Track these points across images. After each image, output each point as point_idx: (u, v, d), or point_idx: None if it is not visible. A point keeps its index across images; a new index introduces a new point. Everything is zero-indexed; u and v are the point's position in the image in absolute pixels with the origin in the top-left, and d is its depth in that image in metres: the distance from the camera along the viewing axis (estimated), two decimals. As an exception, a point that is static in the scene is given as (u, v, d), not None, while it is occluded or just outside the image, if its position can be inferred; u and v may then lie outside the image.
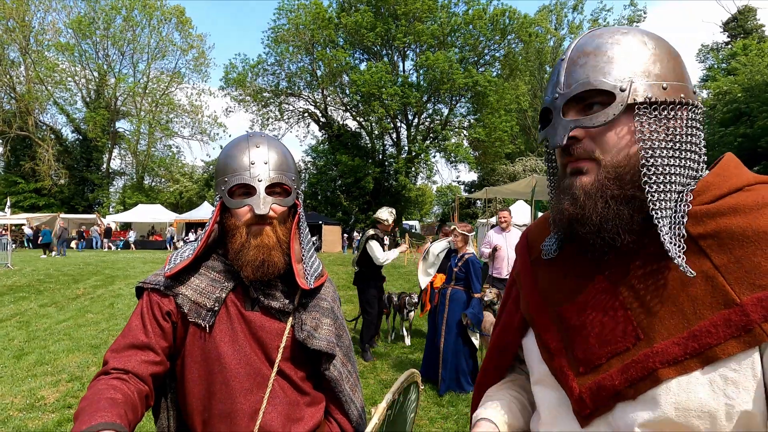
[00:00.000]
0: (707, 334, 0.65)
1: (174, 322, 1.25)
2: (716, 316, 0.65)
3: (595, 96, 0.75)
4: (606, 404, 0.72)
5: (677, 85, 0.75)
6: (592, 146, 0.76)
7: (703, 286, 0.67)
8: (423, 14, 35.17)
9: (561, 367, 0.79)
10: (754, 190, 0.72)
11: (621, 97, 0.73)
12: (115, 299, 10.12)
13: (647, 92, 0.73)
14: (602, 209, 0.74)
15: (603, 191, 0.74)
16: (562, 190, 0.81)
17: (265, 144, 1.28)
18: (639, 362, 0.69)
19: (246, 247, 1.23)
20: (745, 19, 30.25)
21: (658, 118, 0.73)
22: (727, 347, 0.64)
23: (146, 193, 41.47)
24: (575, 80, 0.76)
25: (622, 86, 0.73)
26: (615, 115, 0.73)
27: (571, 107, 0.77)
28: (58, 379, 5.15)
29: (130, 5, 40.15)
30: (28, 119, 36.73)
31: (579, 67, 0.76)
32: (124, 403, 1.03)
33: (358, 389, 1.43)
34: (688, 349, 0.66)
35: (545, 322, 0.85)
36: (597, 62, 0.75)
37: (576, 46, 0.79)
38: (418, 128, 39.05)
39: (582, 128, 0.75)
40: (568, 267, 0.86)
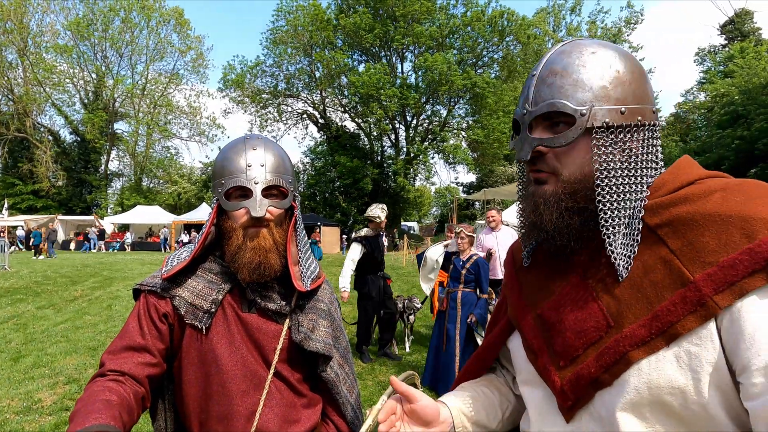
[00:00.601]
0: (668, 312, 0.70)
1: (171, 324, 1.26)
2: (675, 295, 0.70)
3: (559, 116, 0.81)
4: (586, 393, 0.77)
5: (635, 108, 0.80)
6: (554, 162, 0.82)
7: (663, 271, 0.73)
8: (421, 16, 35.24)
9: (544, 364, 0.84)
10: (703, 183, 0.78)
11: (580, 121, 0.79)
12: (113, 301, 10.10)
13: (605, 117, 0.79)
14: (556, 219, 0.81)
15: (558, 203, 0.81)
16: (526, 196, 0.89)
17: (261, 146, 1.28)
18: (611, 348, 0.74)
19: (243, 250, 1.23)
20: (742, 22, 30.35)
21: (614, 141, 0.80)
22: (686, 322, 0.68)
23: (144, 194, 41.42)
24: (542, 99, 0.82)
25: (583, 111, 0.79)
26: (574, 138, 0.79)
27: (538, 123, 0.84)
28: (55, 382, 5.14)
29: (129, 7, 40.16)
30: (26, 121, 36.68)
31: (546, 86, 0.82)
32: (119, 405, 1.03)
33: (356, 391, 1.44)
34: (653, 329, 0.71)
35: (528, 324, 0.90)
36: (563, 83, 0.80)
37: (546, 62, 0.84)
38: (417, 129, 39.10)
39: (545, 147, 0.82)
40: (545, 270, 0.92)
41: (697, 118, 24.52)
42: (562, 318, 0.83)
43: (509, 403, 1.04)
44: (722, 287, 0.67)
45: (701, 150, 19.42)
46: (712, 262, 0.68)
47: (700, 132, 23.04)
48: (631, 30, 39.19)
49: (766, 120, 16.59)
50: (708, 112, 20.65)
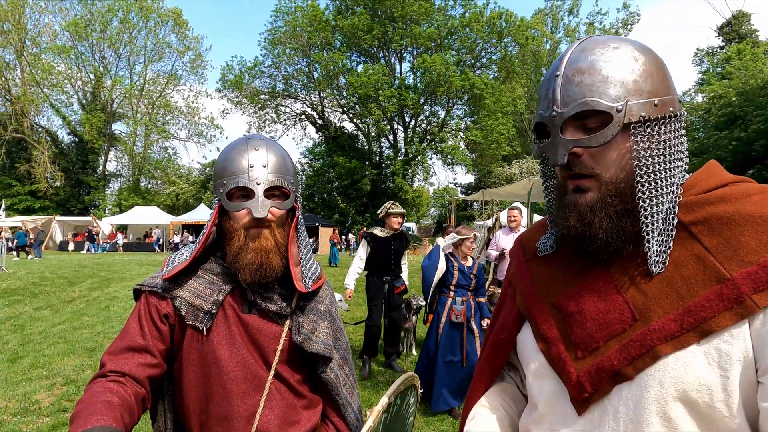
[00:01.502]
0: (702, 308, 0.69)
1: (171, 324, 1.25)
2: (709, 292, 0.69)
3: (593, 115, 0.78)
4: (604, 387, 0.75)
5: (667, 99, 0.79)
6: (591, 163, 0.79)
7: (696, 267, 0.72)
8: (420, 17, 35.28)
9: (558, 354, 0.82)
10: (738, 185, 0.79)
11: (618, 117, 0.76)
12: (111, 302, 10.07)
13: (641, 111, 0.77)
14: (607, 225, 0.78)
15: (606, 208, 0.78)
16: (566, 206, 0.84)
17: (263, 147, 1.28)
18: (637, 341, 0.72)
19: (244, 250, 1.23)
20: (739, 23, 30.45)
21: (651, 135, 0.78)
22: (721, 320, 0.67)
23: (142, 195, 41.36)
24: (572, 99, 0.78)
25: (618, 107, 0.76)
26: (613, 135, 0.76)
27: (568, 124, 0.80)
28: (53, 383, 5.12)
29: (127, 7, 40.10)
30: (24, 121, 36.56)
31: (575, 85, 0.78)
32: (121, 406, 1.03)
33: (355, 392, 1.43)
34: (685, 324, 0.69)
35: (542, 314, 0.88)
36: (593, 81, 0.77)
37: (569, 61, 0.81)
38: (415, 130, 39.12)
39: (582, 147, 0.79)
40: (563, 262, 0.90)
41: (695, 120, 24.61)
42: (582, 308, 0.81)
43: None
44: (762, 287, 0.66)
45: (699, 151, 19.47)
46: (752, 261, 0.68)
47: (698, 133, 23.11)
48: (628, 31, 39.30)
49: (763, 121, 16.66)
50: (706, 113, 20.72)
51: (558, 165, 0.81)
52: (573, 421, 0.79)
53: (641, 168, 0.77)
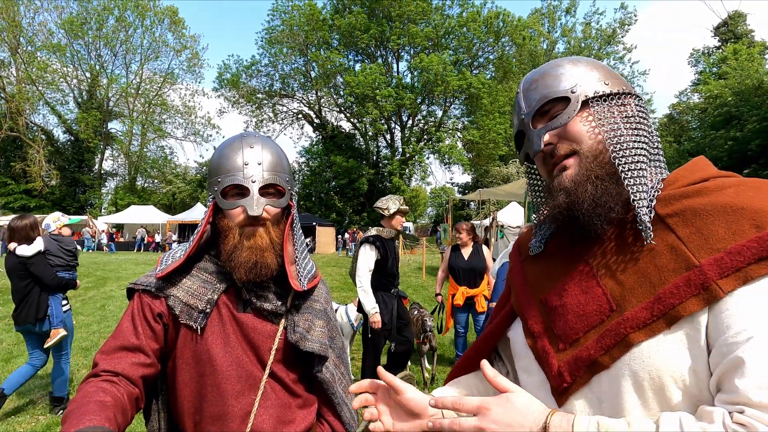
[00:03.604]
0: (671, 295, 0.71)
1: (165, 323, 1.24)
2: (679, 279, 0.71)
3: (554, 105, 0.87)
4: (582, 376, 0.78)
5: (616, 81, 0.88)
6: (568, 143, 0.86)
7: (669, 256, 0.74)
8: (417, 16, 35.27)
9: (543, 347, 0.85)
10: (717, 179, 0.80)
11: (575, 97, 0.86)
12: (107, 301, 10.03)
13: (594, 88, 0.86)
14: (592, 190, 0.83)
15: (588, 174, 0.83)
16: (552, 189, 0.89)
17: (259, 144, 1.27)
18: (612, 330, 0.75)
19: (239, 249, 1.22)
20: (735, 24, 30.57)
21: (610, 106, 0.86)
22: (688, 305, 0.69)
23: (139, 194, 41.21)
24: (533, 99, 0.89)
25: (573, 89, 0.86)
26: (575, 110, 0.85)
27: (537, 121, 0.89)
28: (47, 383, 5.09)
29: (123, 5, 39.92)
30: (19, 120, 36.34)
31: (532, 91, 0.90)
32: (114, 406, 1.02)
33: (351, 391, 1.43)
34: (655, 312, 0.72)
35: (531, 309, 0.92)
36: (546, 82, 0.89)
37: (524, 80, 0.94)
38: (412, 130, 39.12)
39: (552, 130, 0.87)
40: (552, 259, 0.94)
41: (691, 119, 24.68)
42: (564, 302, 0.84)
43: None
44: (727, 272, 0.68)
45: (695, 151, 19.54)
46: (720, 248, 0.70)
47: (694, 133, 23.19)
48: (625, 32, 39.41)
49: (758, 121, 16.73)
50: (702, 113, 20.79)
51: (537, 152, 0.88)
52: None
53: (610, 135, 0.84)
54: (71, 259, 4.69)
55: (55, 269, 4.35)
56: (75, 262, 4.77)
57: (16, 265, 4.16)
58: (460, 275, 5.34)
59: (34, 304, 4.16)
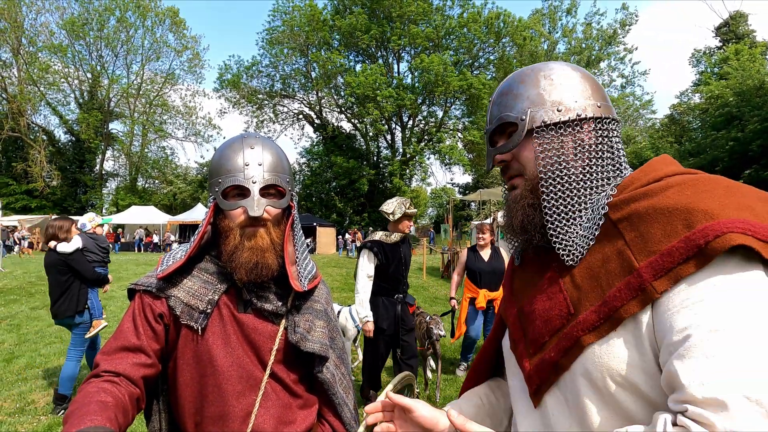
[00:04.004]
0: (614, 298, 0.74)
1: (166, 324, 1.25)
2: (621, 282, 0.75)
3: (508, 126, 0.92)
4: (548, 377, 0.82)
5: (572, 105, 0.88)
6: (518, 165, 0.92)
7: (616, 261, 0.77)
8: (418, 17, 35.28)
9: (520, 353, 0.90)
10: (664, 180, 0.82)
11: (522, 125, 0.89)
12: (108, 301, 10.03)
13: (543, 117, 0.88)
14: (521, 216, 0.90)
15: (522, 201, 0.90)
16: (506, 203, 0.98)
17: (259, 145, 1.27)
18: (568, 333, 0.79)
19: (239, 249, 1.22)
20: (736, 24, 30.53)
21: (555, 136, 0.88)
22: (629, 307, 0.72)
23: (139, 194, 41.26)
24: (494, 117, 0.95)
25: (522, 116, 0.89)
26: (519, 140, 0.89)
27: (497, 137, 0.95)
28: (49, 383, 5.10)
29: (124, 6, 39.99)
30: (20, 120, 36.41)
31: (495, 105, 0.95)
32: (115, 406, 1.02)
33: (352, 392, 1.43)
34: (602, 315, 0.75)
35: (513, 317, 0.97)
36: (506, 101, 0.93)
37: (498, 89, 0.98)
38: (413, 130, 39.12)
39: (500, 154, 0.93)
40: (531, 268, 0.98)
41: (692, 120, 24.65)
42: (534, 308, 0.89)
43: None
44: (660, 273, 0.70)
45: (696, 151, 19.51)
46: (656, 250, 0.72)
47: (695, 133, 23.16)
48: (626, 32, 39.36)
49: (759, 122, 16.70)
50: (703, 113, 20.76)
51: (488, 171, 0.97)
52: (531, 413, 0.87)
53: (544, 167, 0.87)
54: (105, 255, 5.21)
55: (92, 264, 4.76)
56: (108, 259, 5.29)
57: (56, 261, 4.43)
58: (481, 278, 5.17)
59: (75, 298, 4.46)
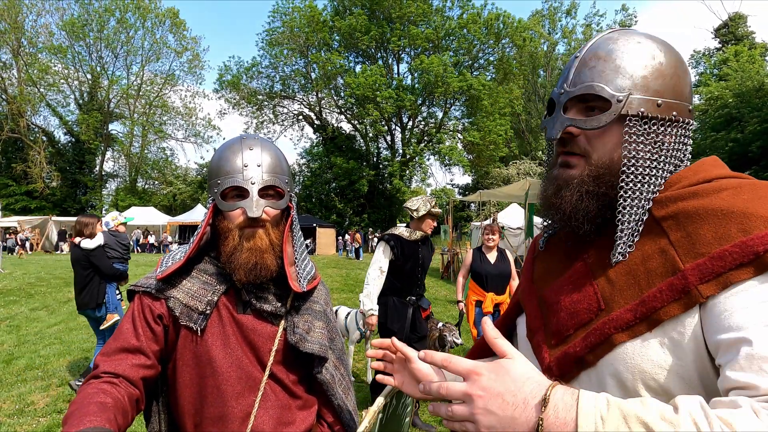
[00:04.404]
0: (653, 298, 0.71)
1: (165, 325, 1.25)
2: (663, 283, 0.72)
3: (595, 99, 0.82)
4: (570, 371, 0.79)
5: (672, 103, 0.81)
6: (585, 144, 0.84)
7: (659, 260, 0.74)
8: (418, 18, 35.32)
9: (538, 342, 0.87)
10: (717, 182, 0.78)
11: (616, 107, 0.80)
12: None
13: (641, 107, 0.80)
14: (575, 201, 0.83)
15: (581, 186, 0.83)
16: (550, 178, 0.90)
17: (258, 146, 1.28)
18: (597, 329, 0.76)
19: (238, 250, 1.22)
20: (736, 25, 30.56)
21: (646, 132, 0.81)
22: (670, 309, 0.70)
23: (139, 195, 41.25)
24: (581, 81, 0.83)
25: (620, 97, 0.80)
26: (607, 122, 0.80)
27: (574, 105, 0.85)
28: (48, 384, 5.10)
29: (124, 7, 40.00)
30: (20, 121, 36.42)
31: (588, 69, 0.83)
32: (114, 407, 1.02)
33: (351, 393, 1.43)
34: (638, 314, 0.72)
35: (532, 305, 0.94)
36: (605, 68, 0.81)
37: (591, 46, 0.85)
38: (413, 131, 39.14)
39: (577, 127, 0.83)
40: (556, 256, 0.95)
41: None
42: (559, 299, 0.85)
43: None
44: (708, 277, 0.68)
45: (695, 152, 19.47)
46: (704, 253, 0.69)
47: (695, 134, 23.16)
48: (625, 33, 39.42)
49: (759, 123, 16.72)
50: (702, 114, 20.78)
51: (551, 139, 0.85)
52: None
53: (629, 160, 0.80)
54: (125, 252, 5.57)
55: (112, 261, 5.09)
56: (128, 255, 5.65)
57: (80, 256, 4.88)
58: (488, 281, 4.98)
59: (95, 291, 4.85)
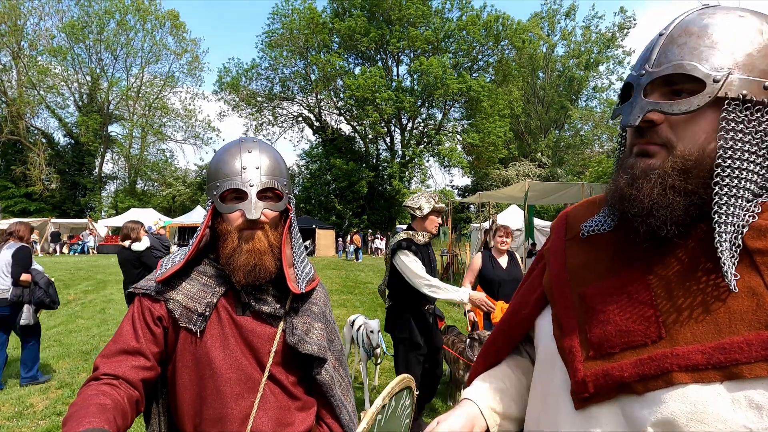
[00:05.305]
0: (738, 350, 0.60)
1: (165, 327, 1.25)
2: (753, 335, 0.60)
3: (685, 81, 0.68)
4: (607, 393, 0.70)
5: None
6: (669, 134, 0.70)
7: (747, 302, 0.62)
8: (417, 19, 35.39)
9: (571, 347, 0.76)
10: None
11: (712, 88, 0.66)
12: (107, 304, 10.03)
13: (744, 88, 0.66)
14: (657, 195, 0.69)
15: (664, 179, 0.69)
16: (623, 167, 0.76)
17: (256, 149, 1.28)
18: (655, 360, 0.66)
19: (237, 252, 1.23)
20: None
21: (748, 119, 0.67)
22: (755, 368, 0.59)
23: (139, 197, 41.23)
24: (668, 60, 0.69)
25: (717, 77, 0.66)
26: (699, 105, 0.66)
27: (656, 88, 0.71)
28: (47, 386, 5.10)
29: (124, 9, 40.05)
30: (20, 123, 36.43)
31: (677, 46, 0.69)
32: (114, 409, 1.03)
33: (350, 394, 1.43)
34: (712, 360, 0.62)
35: (565, 300, 0.82)
36: (697, 44, 0.68)
37: (681, 22, 0.71)
38: (412, 133, 39.18)
39: (660, 112, 0.69)
40: (603, 249, 0.81)
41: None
42: (607, 308, 0.74)
43: None
44: None
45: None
46: None
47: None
48: (624, 35, 39.54)
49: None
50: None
51: (628, 125, 0.71)
52: (571, 414, 0.75)
53: (725, 151, 0.66)
54: (167, 252, 5.97)
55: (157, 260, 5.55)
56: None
57: (130, 257, 5.59)
58: (499, 287, 4.35)
59: None
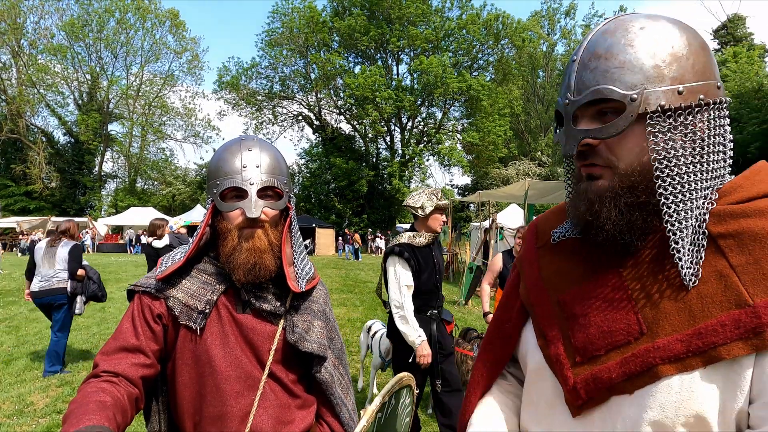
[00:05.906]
0: (713, 332, 0.63)
1: (165, 324, 1.25)
2: (725, 316, 0.63)
3: (606, 103, 0.72)
4: (600, 396, 0.71)
5: (696, 86, 0.71)
6: (608, 154, 0.74)
7: (716, 285, 0.65)
8: (417, 18, 35.38)
9: (557, 355, 0.77)
10: None
11: (631, 107, 0.70)
12: (107, 303, 10.02)
13: (660, 100, 0.70)
14: (616, 218, 0.72)
15: (616, 198, 0.73)
16: (578, 194, 0.79)
17: (257, 147, 1.28)
18: (639, 356, 0.67)
19: (238, 250, 1.23)
20: (735, 27, 30.60)
21: (673, 125, 0.70)
22: (732, 348, 0.61)
23: (138, 196, 41.26)
24: (586, 86, 0.73)
25: (633, 95, 0.69)
26: (625, 126, 0.70)
27: (584, 112, 0.75)
28: (47, 384, 5.10)
29: (124, 8, 40.03)
30: (20, 122, 36.43)
31: (589, 71, 0.73)
32: (113, 406, 1.03)
33: (350, 392, 1.44)
34: (691, 347, 0.64)
35: (545, 309, 0.83)
36: (608, 67, 0.71)
37: (587, 45, 0.75)
38: (412, 132, 39.18)
39: (593, 139, 0.74)
40: (576, 255, 0.83)
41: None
42: (587, 311, 0.76)
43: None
44: None
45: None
46: None
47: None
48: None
49: (758, 124, 16.76)
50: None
51: (567, 156, 0.77)
52: (568, 422, 0.76)
53: (660, 162, 0.70)
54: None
55: None
56: None
57: (151, 253, 5.88)
58: None
59: None
